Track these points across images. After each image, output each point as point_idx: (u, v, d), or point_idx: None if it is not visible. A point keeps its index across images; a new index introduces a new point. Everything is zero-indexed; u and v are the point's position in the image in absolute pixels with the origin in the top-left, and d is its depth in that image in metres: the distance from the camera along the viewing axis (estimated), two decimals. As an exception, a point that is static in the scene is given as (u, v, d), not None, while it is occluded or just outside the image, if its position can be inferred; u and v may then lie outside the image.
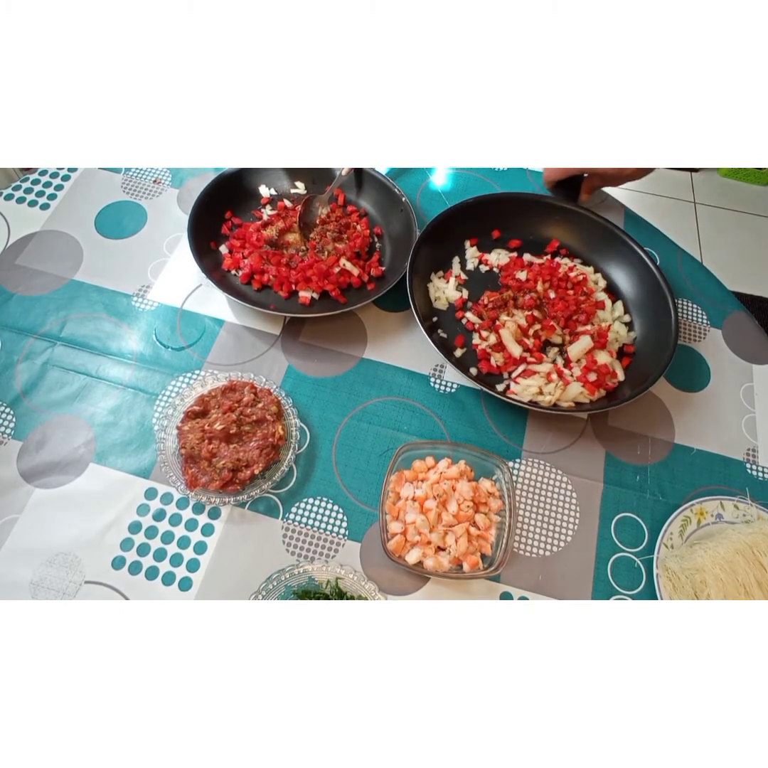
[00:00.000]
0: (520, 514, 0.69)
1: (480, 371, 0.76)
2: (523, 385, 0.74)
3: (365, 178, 0.90)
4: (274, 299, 0.81)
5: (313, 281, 0.80)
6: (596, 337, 0.77)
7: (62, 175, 0.90)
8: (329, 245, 0.84)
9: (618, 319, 0.82)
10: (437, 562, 0.62)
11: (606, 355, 0.77)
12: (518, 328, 0.77)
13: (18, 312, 0.77)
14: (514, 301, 0.79)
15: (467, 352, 0.78)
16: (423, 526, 0.63)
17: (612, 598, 0.65)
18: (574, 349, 0.76)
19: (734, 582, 0.61)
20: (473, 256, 0.86)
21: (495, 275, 0.85)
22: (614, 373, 0.76)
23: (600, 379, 0.74)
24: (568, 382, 0.74)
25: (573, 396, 0.73)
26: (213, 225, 0.85)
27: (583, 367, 0.75)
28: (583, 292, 0.81)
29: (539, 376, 0.74)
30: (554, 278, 0.81)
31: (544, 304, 0.80)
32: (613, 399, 0.74)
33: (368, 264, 0.83)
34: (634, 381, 0.75)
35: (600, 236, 0.85)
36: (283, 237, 0.85)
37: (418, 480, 0.67)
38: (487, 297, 0.81)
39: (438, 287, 0.83)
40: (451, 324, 0.81)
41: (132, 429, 0.70)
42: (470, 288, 0.84)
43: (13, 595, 0.61)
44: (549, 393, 0.73)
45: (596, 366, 0.75)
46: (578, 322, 0.78)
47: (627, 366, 0.78)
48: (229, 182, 0.86)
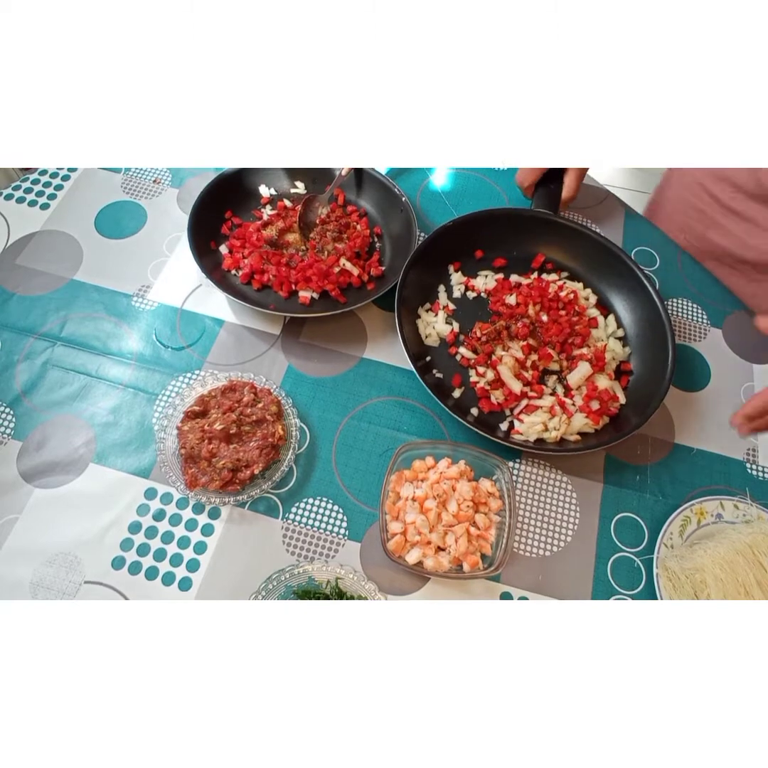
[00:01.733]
0: (520, 514, 0.69)
1: (481, 411, 0.74)
2: (528, 423, 0.71)
3: (365, 178, 0.89)
4: (274, 299, 0.81)
5: (313, 281, 0.80)
6: (594, 361, 0.75)
7: (62, 175, 0.90)
8: (329, 245, 0.83)
9: (612, 335, 0.81)
10: (437, 562, 0.62)
11: (605, 378, 0.75)
12: (516, 362, 0.75)
13: (18, 312, 0.77)
14: (507, 331, 0.77)
15: (465, 391, 0.75)
16: (423, 526, 0.63)
17: (612, 598, 0.65)
18: (573, 377, 0.75)
19: (734, 582, 0.61)
20: (459, 282, 0.83)
21: (484, 301, 0.82)
22: (616, 397, 0.74)
23: (603, 407, 0.73)
24: (572, 414, 0.72)
25: (578, 427, 0.72)
26: (213, 225, 0.85)
27: (584, 396, 0.74)
28: (575, 311, 0.79)
29: (542, 411, 0.72)
30: (545, 299, 0.79)
31: (537, 329, 0.78)
32: (618, 425, 0.73)
33: (368, 264, 0.83)
34: (636, 402, 0.74)
35: (585, 246, 0.84)
36: (283, 237, 0.85)
37: (418, 480, 0.67)
38: (480, 329, 0.78)
39: (428, 322, 0.80)
40: (446, 362, 0.78)
41: (132, 429, 0.70)
42: (460, 319, 0.80)
43: (13, 595, 0.61)
44: (554, 428, 0.71)
45: (597, 392, 0.73)
46: (574, 345, 0.77)
47: (626, 386, 0.77)
48: (229, 182, 0.86)
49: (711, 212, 0.93)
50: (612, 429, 0.73)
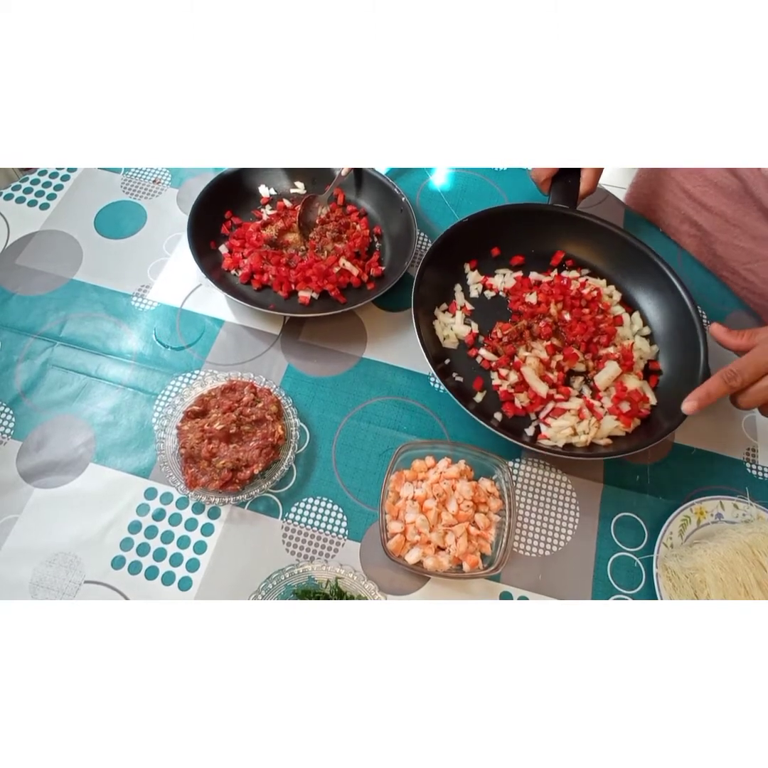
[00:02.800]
0: (520, 514, 0.69)
1: (505, 416, 0.71)
2: (556, 427, 0.69)
3: (365, 178, 0.89)
4: (274, 299, 0.81)
5: (313, 281, 0.80)
6: (622, 360, 0.72)
7: (62, 175, 0.90)
8: (329, 245, 0.83)
9: (638, 333, 0.78)
10: (437, 562, 0.62)
11: (635, 378, 0.72)
12: (540, 363, 0.72)
13: (18, 312, 0.77)
14: (529, 331, 0.74)
15: (488, 395, 0.73)
16: (423, 525, 0.63)
17: (612, 597, 0.65)
18: (601, 378, 0.72)
19: (734, 582, 0.61)
20: (476, 282, 0.81)
21: (503, 300, 0.80)
22: (646, 398, 0.71)
23: (633, 408, 0.70)
24: (601, 416, 0.69)
25: (608, 431, 0.69)
26: (213, 225, 0.85)
27: (613, 397, 0.71)
28: (599, 309, 0.77)
29: (570, 414, 0.70)
30: (567, 297, 0.76)
31: (560, 329, 0.75)
32: (650, 427, 0.70)
33: (368, 264, 0.83)
34: (667, 403, 0.71)
35: (606, 242, 0.81)
36: (282, 237, 0.85)
37: (417, 480, 0.67)
38: (500, 330, 0.75)
39: (445, 323, 0.77)
40: (466, 364, 0.75)
41: (132, 429, 0.70)
42: (479, 319, 0.78)
43: (13, 595, 0.61)
44: (584, 432, 0.68)
45: (627, 393, 0.70)
46: (600, 344, 0.74)
47: (655, 386, 0.74)
48: (228, 182, 0.86)
49: (684, 207, 0.93)
50: (644, 432, 0.70)
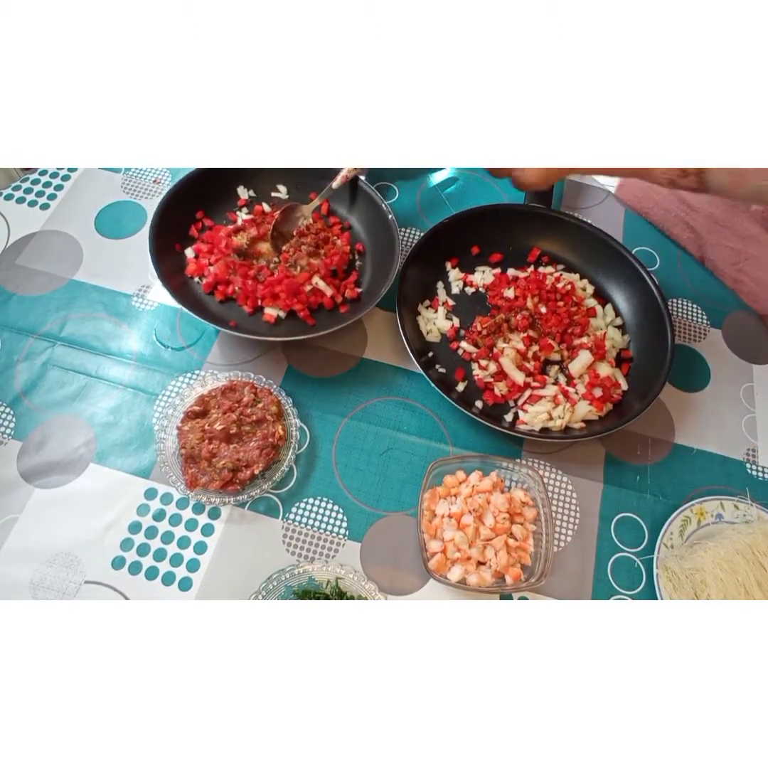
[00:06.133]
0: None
1: (486, 403, 0.75)
2: (532, 413, 0.72)
3: (355, 191, 0.83)
4: (238, 314, 0.76)
5: (281, 298, 0.74)
6: (594, 349, 0.76)
7: (62, 175, 0.90)
8: (303, 260, 0.77)
9: (611, 323, 0.82)
10: (480, 578, 0.61)
11: (606, 366, 0.76)
12: (517, 354, 0.76)
13: (18, 312, 0.77)
14: (507, 323, 0.78)
15: (469, 385, 0.76)
16: (462, 542, 0.62)
17: (612, 598, 0.65)
18: (574, 366, 0.76)
19: (734, 582, 0.61)
20: (457, 279, 0.84)
21: (482, 296, 0.83)
22: (617, 384, 0.75)
23: (606, 394, 0.74)
24: (575, 402, 0.73)
25: (582, 415, 0.73)
26: (181, 224, 0.79)
27: (587, 383, 0.75)
28: (573, 302, 0.80)
29: (546, 401, 0.73)
30: (543, 291, 0.80)
31: (537, 322, 0.79)
32: (621, 411, 0.74)
33: (344, 284, 0.78)
34: (638, 388, 0.75)
35: (579, 238, 0.84)
36: (254, 246, 0.79)
37: (451, 495, 0.67)
38: (480, 323, 0.78)
39: (428, 319, 0.80)
40: (448, 356, 0.78)
41: (132, 429, 0.70)
42: (460, 314, 0.81)
43: (13, 595, 0.61)
44: (559, 417, 0.72)
45: (599, 380, 0.74)
46: (574, 335, 0.78)
47: (627, 373, 0.78)
48: (206, 177, 0.80)
49: (675, 209, 0.93)
50: (615, 416, 0.74)
